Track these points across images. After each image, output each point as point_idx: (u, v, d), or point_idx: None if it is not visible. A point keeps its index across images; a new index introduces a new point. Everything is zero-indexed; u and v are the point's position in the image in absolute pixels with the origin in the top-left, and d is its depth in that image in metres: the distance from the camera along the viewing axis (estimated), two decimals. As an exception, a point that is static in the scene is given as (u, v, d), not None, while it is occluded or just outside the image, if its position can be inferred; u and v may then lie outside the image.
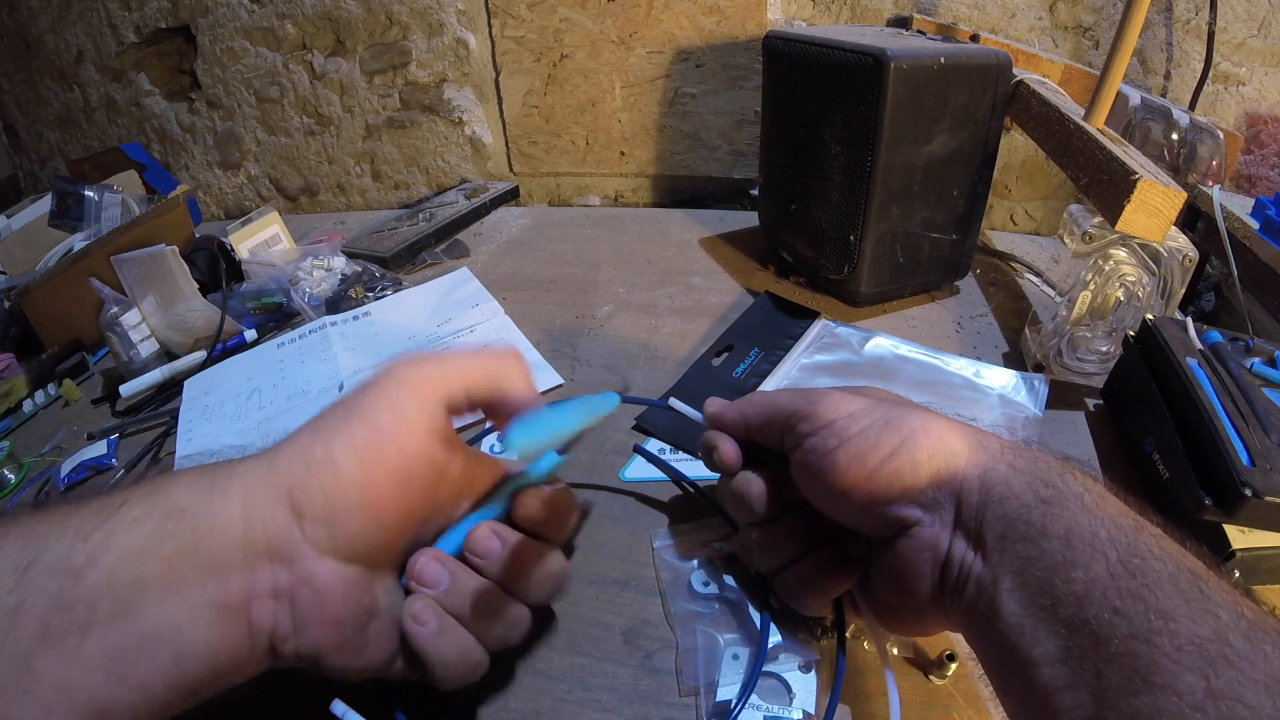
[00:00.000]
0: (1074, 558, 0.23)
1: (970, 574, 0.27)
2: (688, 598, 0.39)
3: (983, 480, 0.27)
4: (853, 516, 0.30)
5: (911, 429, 0.29)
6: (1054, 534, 0.24)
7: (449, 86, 1.01)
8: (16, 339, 0.71)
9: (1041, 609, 0.23)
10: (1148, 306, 0.51)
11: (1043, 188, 0.88)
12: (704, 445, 0.37)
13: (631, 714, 0.35)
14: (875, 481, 0.28)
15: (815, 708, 0.34)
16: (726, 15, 0.87)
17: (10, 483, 0.56)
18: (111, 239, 0.74)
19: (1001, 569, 0.25)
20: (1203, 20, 0.72)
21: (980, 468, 0.27)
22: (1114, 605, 0.22)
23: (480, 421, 0.40)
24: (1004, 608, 0.25)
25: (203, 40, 1.06)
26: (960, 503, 0.27)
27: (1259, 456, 0.36)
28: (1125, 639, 0.21)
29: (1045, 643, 0.23)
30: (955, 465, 0.28)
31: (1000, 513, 0.26)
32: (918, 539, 0.28)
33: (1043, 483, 0.26)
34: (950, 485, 0.28)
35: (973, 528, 0.27)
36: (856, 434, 0.29)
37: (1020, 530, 0.25)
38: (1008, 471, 0.27)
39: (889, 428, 0.29)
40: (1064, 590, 0.23)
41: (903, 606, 0.31)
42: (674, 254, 0.80)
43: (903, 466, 0.28)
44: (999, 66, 0.57)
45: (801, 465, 0.31)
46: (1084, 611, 0.22)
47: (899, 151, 0.57)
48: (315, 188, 1.15)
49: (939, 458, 0.28)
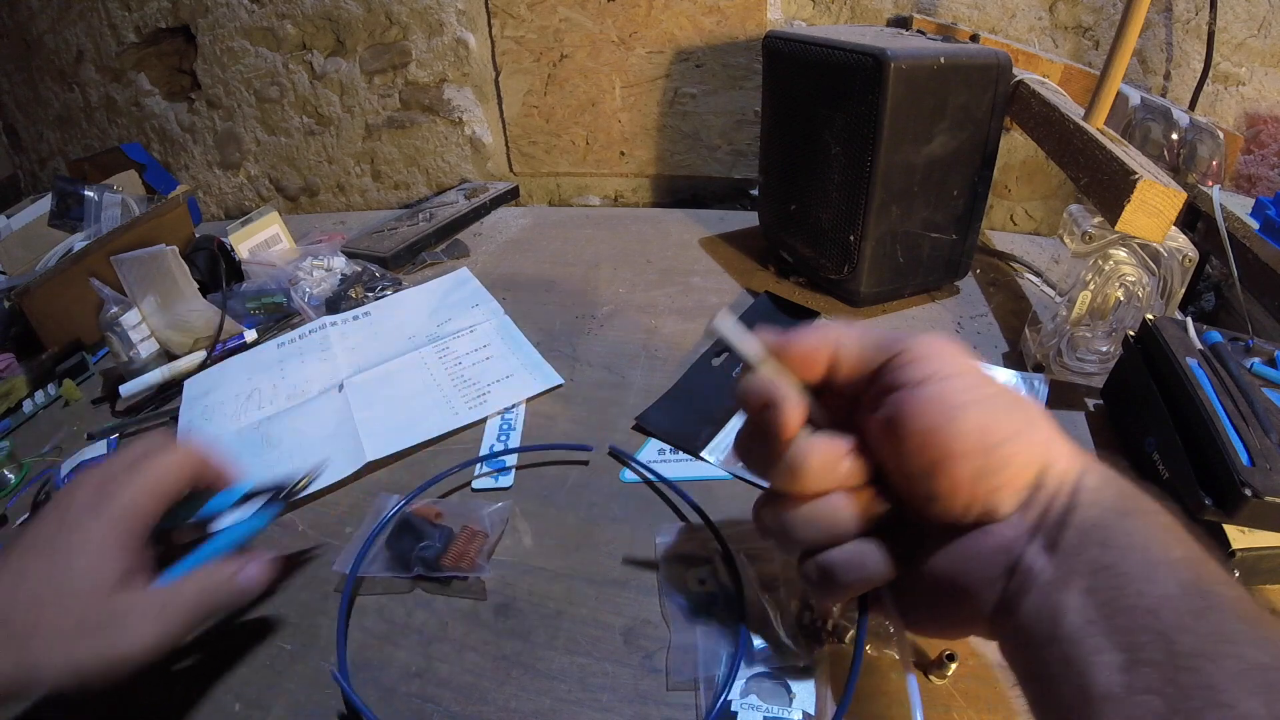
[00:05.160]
0: (1150, 572, 0.23)
1: (1035, 581, 0.25)
2: (684, 596, 0.39)
3: (1075, 486, 0.26)
4: (939, 494, 0.26)
5: (1030, 417, 0.26)
6: (1134, 546, 0.24)
7: (449, 86, 1.01)
8: (16, 339, 0.71)
9: (1108, 619, 0.23)
10: (1148, 306, 0.51)
11: (1043, 188, 0.88)
12: (749, 394, 0.29)
13: (631, 714, 0.35)
14: (992, 458, 0.25)
15: (815, 708, 0.34)
16: (726, 15, 0.87)
17: (10, 483, 0.56)
18: (111, 239, 0.74)
19: (1071, 577, 0.24)
20: (1203, 20, 0.72)
21: (1076, 473, 0.26)
22: (1184, 623, 0.22)
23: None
24: (1067, 616, 0.24)
25: (203, 40, 1.06)
26: (1049, 506, 0.26)
27: (1259, 456, 0.36)
28: (1193, 656, 0.21)
29: (1109, 652, 0.22)
30: (1058, 467, 0.26)
31: (1083, 519, 0.25)
32: (997, 537, 0.26)
33: (1124, 496, 0.26)
34: (1048, 488, 0.26)
35: (1052, 534, 0.25)
36: (984, 399, 0.26)
37: (1099, 536, 0.24)
38: (1098, 481, 0.26)
39: (1016, 407, 0.26)
40: (1136, 602, 0.23)
41: (949, 609, 0.28)
42: (674, 254, 0.80)
43: (1019, 452, 0.26)
44: (999, 66, 0.57)
45: (903, 416, 0.26)
46: (1159, 623, 0.22)
47: (899, 151, 0.57)
48: (315, 188, 1.15)
49: (1048, 455, 0.26)
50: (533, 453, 0.52)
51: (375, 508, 0.47)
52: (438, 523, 0.44)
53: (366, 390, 0.60)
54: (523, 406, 0.57)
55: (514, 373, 0.60)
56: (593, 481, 0.49)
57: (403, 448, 0.53)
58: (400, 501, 0.47)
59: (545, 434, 0.54)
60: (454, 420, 0.55)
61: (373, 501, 0.47)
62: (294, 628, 0.41)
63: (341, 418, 0.57)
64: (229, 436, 0.58)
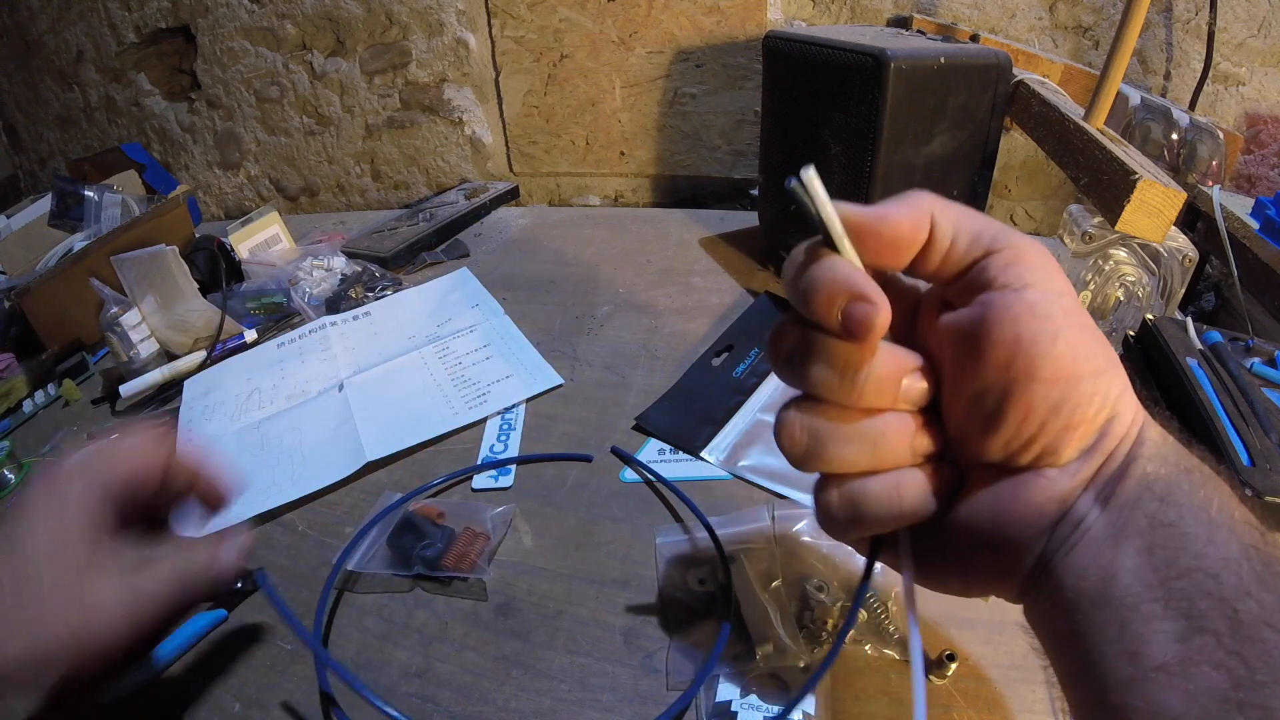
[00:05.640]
0: (1212, 533, 0.21)
1: (1084, 536, 0.23)
2: (684, 595, 0.39)
3: (1139, 438, 0.23)
4: (1008, 421, 0.23)
5: (1114, 358, 0.24)
6: (1196, 503, 0.22)
7: (449, 86, 1.01)
8: (16, 339, 0.71)
9: (1165, 582, 0.21)
10: (1148, 306, 0.51)
11: (1043, 188, 0.88)
12: (819, 286, 0.23)
13: (631, 714, 0.35)
14: (1075, 392, 0.22)
15: (815, 708, 0.34)
16: (726, 15, 0.87)
17: (10, 483, 0.56)
18: (111, 239, 0.74)
19: (1127, 532, 0.22)
20: (1203, 20, 0.72)
21: (1140, 425, 0.24)
22: (1248, 589, 0.20)
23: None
24: (1120, 577, 0.22)
25: (203, 40, 1.06)
26: (1111, 458, 0.23)
27: (1259, 456, 0.36)
28: (1258, 624, 0.19)
29: (1165, 619, 0.21)
30: (1125, 418, 0.23)
31: (1143, 472, 0.23)
32: (1052, 485, 0.23)
33: (1185, 454, 0.24)
34: (1113, 436, 0.23)
35: (1110, 485, 0.23)
36: (1083, 327, 0.23)
37: (1160, 491, 0.22)
38: (1159, 436, 0.24)
39: (1105, 343, 0.23)
40: (1195, 564, 0.21)
41: (982, 562, 0.25)
42: (674, 254, 0.80)
43: (1099, 392, 0.23)
44: (999, 66, 0.57)
45: (995, 320, 0.23)
46: (1221, 589, 0.20)
47: (899, 151, 0.57)
48: (315, 188, 1.15)
49: (1120, 403, 0.23)
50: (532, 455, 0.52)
51: (378, 504, 0.47)
52: (439, 523, 0.44)
53: (366, 390, 0.60)
54: (523, 406, 0.57)
55: (514, 373, 0.60)
56: (593, 481, 0.49)
57: (403, 448, 0.53)
58: (399, 499, 0.47)
59: (545, 434, 0.54)
60: (454, 420, 0.55)
61: (374, 501, 0.48)
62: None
63: (341, 418, 0.57)
64: (229, 436, 0.58)
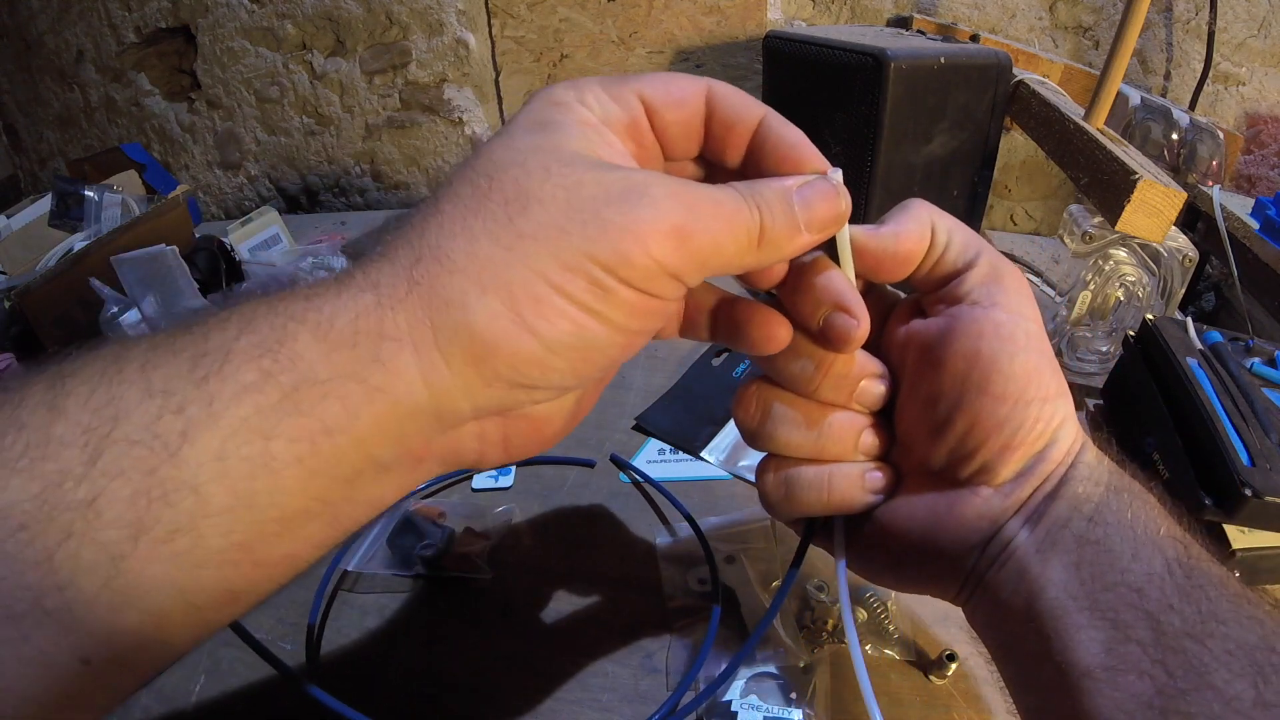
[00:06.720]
0: (1137, 549, 0.22)
1: (1013, 553, 0.24)
2: (684, 595, 0.39)
3: (1074, 462, 0.25)
4: (953, 431, 0.24)
5: (1064, 387, 0.25)
6: (1124, 522, 0.23)
7: (449, 86, 1.01)
8: (16, 339, 0.71)
9: (1091, 595, 0.22)
10: (1148, 306, 0.51)
11: (1043, 188, 0.88)
12: (810, 293, 0.26)
13: (631, 714, 0.35)
14: (1022, 414, 0.23)
15: (815, 708, 0.34)
16: (726, 15, 0.87)
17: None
18: (111, 239, 0.74)
19: (1055, 549, 0.23)
20: (1203, 20, 0.72)
21: (1077, 450, 0.25)
22: (1170, 602, 0.21)
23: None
24: (1048, 590, 0.23)
25: (203, 40, 1.06)
26: (1045, 480, 0.24)
27: (1259, 456, 0.36)
28: (1179, 635, 0.21)
29: (1092, 629, 0.22)
30: (1062, 445, 0.24)
31: (1074, 493, 0.24)
32: (984, 504, 0.25)
33: (1114, 473, 0.25)
34: (1050, 461, 0.24)
35: (1041, 508, 0.24)
36: (1041, 352, 0.24)
37: (1088, 511, 0.23)
38: (1093, 458, 0.25)
39: (1057, 372, 0.25)
40: (1120, 579, 0.22)
41: (911, 566, 0.27)
42: (674, 254, 0.80)
43: (1043, 419, 0.24)
44: (999, 66, 0.57)
45: (960, 332, 0.24)
46: (1145, 602, 0.21)
47: (899, 151, 0.57)
48: (315, 188, 1.15)
49: (1060, 431, 0.24)
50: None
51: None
52: (440, 523, 0.44)
53: (366, 390, 0.60)
54: (523, 406, 0.57)
55: (514, 373, 0.60)
56: (593, 482, 0.49)
57: (403, 448, 0.53)
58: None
59: (545, 434, 0.54)
60: (454, 420, 0.55)
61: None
62: (293, 627, 0.41)
63: (341, 418, 0.57)
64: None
